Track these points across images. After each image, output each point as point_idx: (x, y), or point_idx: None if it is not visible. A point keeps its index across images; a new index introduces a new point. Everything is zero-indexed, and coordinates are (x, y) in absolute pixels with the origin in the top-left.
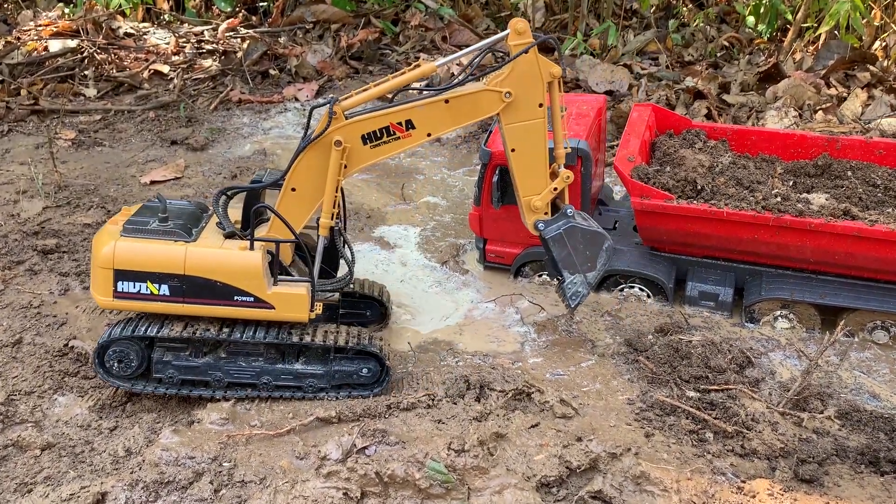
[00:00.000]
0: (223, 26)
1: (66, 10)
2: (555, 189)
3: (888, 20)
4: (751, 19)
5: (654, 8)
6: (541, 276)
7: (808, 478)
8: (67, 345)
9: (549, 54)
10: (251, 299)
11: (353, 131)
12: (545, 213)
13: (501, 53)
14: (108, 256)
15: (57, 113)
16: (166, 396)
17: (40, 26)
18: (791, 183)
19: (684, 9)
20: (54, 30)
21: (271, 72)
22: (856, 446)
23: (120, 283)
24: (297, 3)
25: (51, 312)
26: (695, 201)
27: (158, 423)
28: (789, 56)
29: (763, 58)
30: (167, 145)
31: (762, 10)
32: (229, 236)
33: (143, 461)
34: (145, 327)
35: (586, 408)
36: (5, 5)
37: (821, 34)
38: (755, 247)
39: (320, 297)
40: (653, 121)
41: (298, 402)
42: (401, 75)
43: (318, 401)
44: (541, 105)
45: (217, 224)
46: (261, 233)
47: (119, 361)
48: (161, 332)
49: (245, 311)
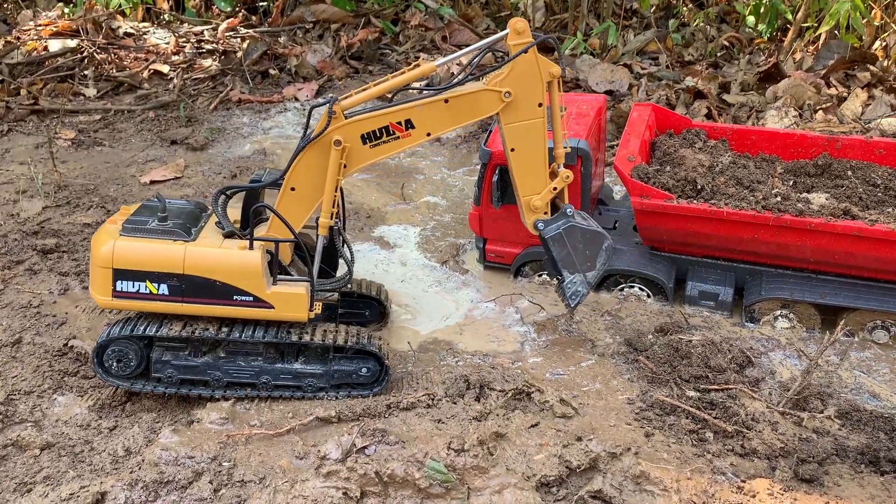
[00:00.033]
0: (223, 26)
1: (66, 10)
2: (554, 189)
3: (888, 20)
4: (751, 19)
5: (654, 8)
6: (541, 275)
7: (808, 477)
8: (67, 344)
9: (548, 54)
10: (250, 299)
11: (352, 131)
12: (545, 213)
13: (501, 53)
14: (107, 256)
15: (57, 113)
16: (166, 396)
17: (40, 26)
18: (791, 182)
19: (684, 8)
20: (54, 29)
21: (271, 71)
22: (856, 446)
23: (119, 283)
24: (297, 3)
25: (50, 312)
26: (695, 201)
27: (158, 422)
28: (789, 56)
29: (763, 57)
30: (167, 145)
31: (762, 9)
32: (228, 236)
33: (143, 461)
34: (144, 327)
35: (586, 407)
36: (5, 5)
37: (821, 34)
38: (755, 246)
39: (319, 297)
40: (653, 120)
41: (298, 402)
42: (400, 75)
43: (318, 400)
44: (540, 105)
45: (216, 223)
46: (260, 232)
47: (118, 361)
48: (160, 331)
49: (244, 311)
